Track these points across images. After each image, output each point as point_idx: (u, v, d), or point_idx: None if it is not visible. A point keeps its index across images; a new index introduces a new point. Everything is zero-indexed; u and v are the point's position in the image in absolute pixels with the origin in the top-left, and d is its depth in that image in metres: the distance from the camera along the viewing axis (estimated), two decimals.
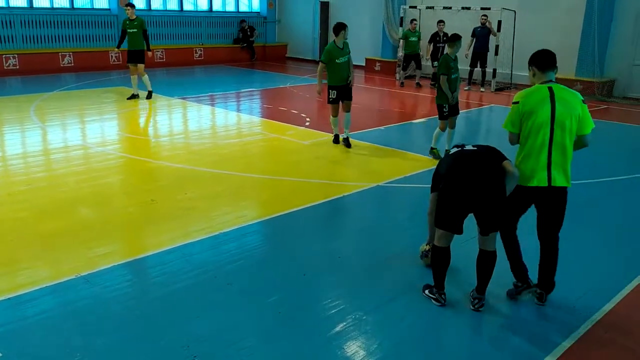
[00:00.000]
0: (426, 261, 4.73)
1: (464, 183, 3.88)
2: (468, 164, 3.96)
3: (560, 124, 3.85)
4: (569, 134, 3.88)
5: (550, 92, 3.92)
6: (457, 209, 3.93)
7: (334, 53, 8.56)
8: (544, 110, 3.86)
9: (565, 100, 3.91)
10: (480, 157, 4.00)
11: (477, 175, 3.86)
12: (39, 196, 6.32)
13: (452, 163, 4.05)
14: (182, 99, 12.98)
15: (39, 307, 4.00)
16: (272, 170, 7.67)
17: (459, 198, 3.90)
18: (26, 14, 16.40)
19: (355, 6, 20.11)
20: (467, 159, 4.00)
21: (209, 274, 4.57)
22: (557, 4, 15.13)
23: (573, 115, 3.88)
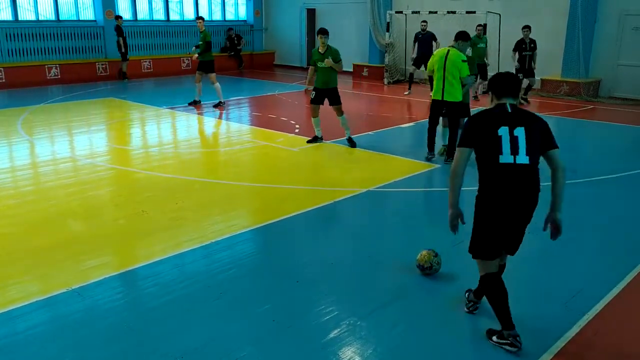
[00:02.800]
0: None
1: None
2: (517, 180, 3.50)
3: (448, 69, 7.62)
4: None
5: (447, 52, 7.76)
6: (495, 229, 3.63)
7: (314, 57, 9.07)
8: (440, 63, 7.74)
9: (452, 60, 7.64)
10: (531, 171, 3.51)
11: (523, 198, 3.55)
12: (28, 210, 6.27)
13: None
14: (170, 108, 12.95)
15: (30, 321, 3.97)
16: (263, 178, 7.66)
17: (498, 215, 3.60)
18: (11, 27, 16.31)
19: (341, 12, 20.19)
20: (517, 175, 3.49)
21: (201, 283, 4.55)
22: (541, 7, 15.28)
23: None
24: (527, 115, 3.59)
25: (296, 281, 4.62)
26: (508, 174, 3.47)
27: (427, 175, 7.83)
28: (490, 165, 3.52)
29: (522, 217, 3.59)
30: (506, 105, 3.56)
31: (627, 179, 7.58)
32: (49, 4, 17.31)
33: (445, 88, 7.92)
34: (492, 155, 3.49)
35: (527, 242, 3.91)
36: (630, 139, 10.65)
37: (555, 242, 4.82)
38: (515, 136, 3.46)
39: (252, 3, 22.58)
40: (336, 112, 9.18)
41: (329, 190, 6.96)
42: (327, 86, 9.02)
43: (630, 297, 4.41)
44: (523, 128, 3.47)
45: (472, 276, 4.49)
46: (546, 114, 12.64)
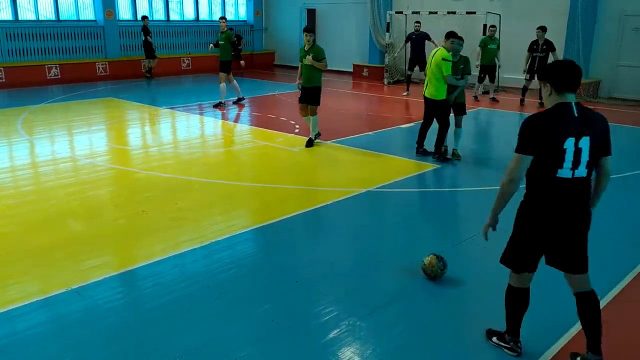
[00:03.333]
0: (429, 265, 4.50)
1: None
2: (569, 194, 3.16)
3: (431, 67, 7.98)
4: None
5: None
6: (532, 241, 3.33)
7: (300, 54, 9.15)
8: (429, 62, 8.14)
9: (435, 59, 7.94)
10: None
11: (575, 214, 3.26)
12: (27, 210, 6.28)
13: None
14: (170, 108, 12.95)
15: (30, 321, 3.97)
16: (263, 178, 7.66)
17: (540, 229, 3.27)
18: (11, 26, 16.31)
19: (341, 12, 20.19)
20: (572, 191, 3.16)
21: (201, 283, 4.55)
22: (541, 7, 15.28)
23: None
24: (593, 118, 3.15)
25: (296, 281, 4.62)
26: (563, 189, 3.12)
27: (427, 175, 7.83)
28: (545, 178, 3.12)
29: (573, 233, 3.26)
30: (571, 105, 3.08)
31: (628, 180, 7.58)
32: (49, 3, 17.31)
33: (427, 85, 8.28)
34: (550, 169, 3.09)
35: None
36: (631, 140, 10.65)
37: None
38: (579, 148, 3.06)
39: (252, 3, 22.58)
40: (310, 111, 9.24)
41: (329, 191, 6.96)
42: (309, 84, 9.09)
43: (631, 297, 4.42)
44: (588, 138, 3.07)
45: (471, 277, 4.50)
46: None
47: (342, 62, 20.24)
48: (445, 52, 7.91)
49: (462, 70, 8.19)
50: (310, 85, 9.09)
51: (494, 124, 12.36)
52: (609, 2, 14.43)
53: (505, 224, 3.46)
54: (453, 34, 8.05)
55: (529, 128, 3.11)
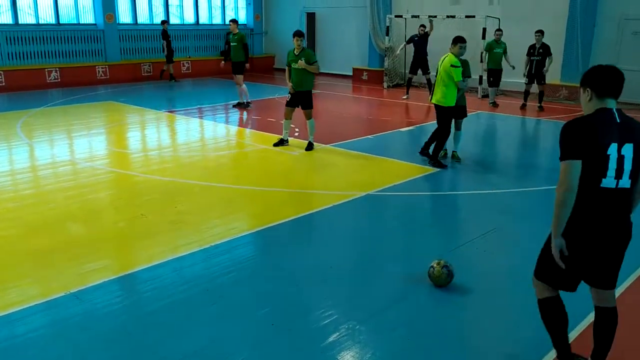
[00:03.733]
0: (434, 274, 4.44)
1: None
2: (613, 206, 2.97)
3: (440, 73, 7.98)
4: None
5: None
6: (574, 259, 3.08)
7: (289, 58, 9.15)
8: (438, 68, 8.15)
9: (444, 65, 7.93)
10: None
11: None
12: (27, 213, 6.27)
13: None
14: (170, 112, 12.96)
15: (29, 325, 3.96)
16: (262, 181, 7.66)
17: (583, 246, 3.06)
18: (11, 30, 16.33)
19: (341, 16, 20.23)
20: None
21: (200, 287, 4.55)
22: (540, 11, 15.31)
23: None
24: (635, 126, 3.03)
25: (295, 285, 4.62)
26: (606, 200, 2.93)
27: (426, 179, 7.83)
28: (589, 189, 2.91)
29: (614, 248, 3.07)
30: (613, 111, 2.99)
31: None
32: (49, 7, 17.34)
33: (434, 91, 8.24)
34: (594, 177, 2.89)
35: (528, 246, 3.91)
36: None
37: None
38: (622, 155, 2.89)
39: (252, 7, 22.63)
40: (305, 116, 9.27)
41: (329, 194, 6.96)
42: (301, 88, 9.09)
43: (629, 302, 4.41)
44: (632, 145, 2.92)
45: (471, 281, 4.49)
46: (545, 118, 12.68)
47: (341, 66, 20.29)
48: (453, 58, 7.87)
49: (462, 73, 8.21)
50: (302, 89, 9.11)
51: (495, 127, 12.37)
52: (608, 5, 14.46)
53: (502, 226, 3.45)
54: (460, 39, 7.96)
55: (571, 132, 2.92)
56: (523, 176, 8.09)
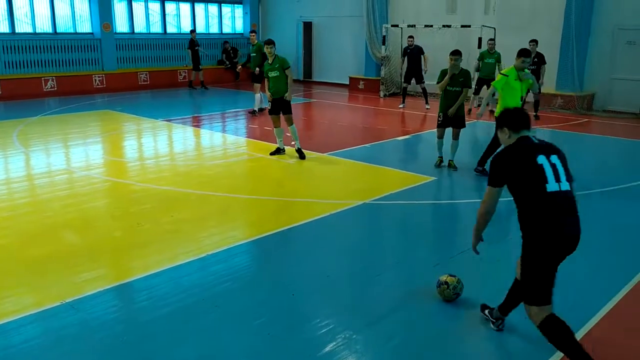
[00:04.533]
0: (443, 293, 4.40)
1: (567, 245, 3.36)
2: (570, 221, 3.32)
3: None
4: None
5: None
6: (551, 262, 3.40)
7: (265, 67, 9.31)
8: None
9: None
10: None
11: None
12: (23, 222, 6.26)
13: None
14: (167, 121, 12.97)
15: (24, 335, 3.94)
16: (259, 190, 7.66)
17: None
18: (8, 39, 16.35)
19: (337, 26, 20.32)
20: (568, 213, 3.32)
21: (196, 296, 4.53)
22: (535, 21, 15.41)
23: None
24: (551, 144, 3.50)
25: (292, 294, 4.61)
26: (558, 203, 3.27)
27: (423, 187, 7.84)
28: (538, 197, 3.27)
29: (572, 247, 3.39)
30: (530, 137, 3.46)
31: (622, 192, 7.61)
32: (46, 16, 17.37)
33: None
34: (537, 186, 3.27)
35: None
36: (625, 152, 10.71)
37: None
38: (553, 163, 3.34)
39: (249, 17, 22.70)
40: (286, 121, 9.32)
41: (325, 203, 6.96)
42: (279, 95, 9.18)
43: (628, 309, 4.42)
44: (556, 155, 3.39)
45: (467, 291, 4.49)
46: (540, 127, 12.73)
47: (338, 75, 20.36)
48: (509, 69, 7.73)
49: (462, 83, 8.27)
50: (280, 95, 9.19)
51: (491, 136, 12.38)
52: (602, 15, 14.57)
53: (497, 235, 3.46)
54: (524, 52, 7.64)
55: (498, 163, 3.46)
56: None
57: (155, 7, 20.16)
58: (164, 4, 20.33)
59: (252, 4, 22.56)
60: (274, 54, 9.13)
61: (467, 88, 8.36)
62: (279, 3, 22.20)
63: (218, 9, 22.20)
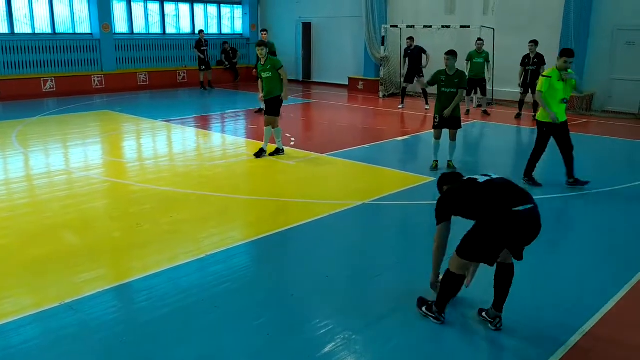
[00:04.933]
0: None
1: (522, 234, 3.71)
2: (528, 219, 3.69)
3: None
4: None
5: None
6: (499, 249, 3.80)
7: (258, 69, 9.40)
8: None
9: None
10: (535, 212, 3.74)
11: (535, 229, 3.74)
12: (22, 222, 6.25)
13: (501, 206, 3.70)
14: (166, 121, 12.97)
15: (23, 335, 3.94)
16: (258, 190, 7.66)
17: (507, 242, 3.76)
18: (7, 40, 16.35)
19: (337, 26, 20.34)
20: (527, 216, 3.69)
21: (196, 297, 4.53)
22: (534, 21, 15.43)
23: None
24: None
25: (291, 294, 4.61)
26: (493, 185, 3.85)
27: (422, 188, 7.83)
28: (475, 192, 3.88)
29: (528, 223, 3.70)
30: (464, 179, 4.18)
31: (620, 192, 7.61)
32: (45, 17, 17.37)
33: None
34: (471, 188, 3.93)
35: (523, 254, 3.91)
36: (624, 153, 10.72)
37: (550, 255, 4.84)
38: (483, 174, 4.03)
39: (248, 17, 22.73)
40: (271, 122, 9.38)
41: (325, 203, 6.96)
42: (270, 95, 9.25)
43: (627, 310, 4.42)
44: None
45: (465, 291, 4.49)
46: None
47: (337, 75, 20.38)
48: (551, 70, 7.61)
49: (457, 84, 8.27)
50: (271, 96, 9.26)
51: (490, 136, 12.41)
52: (601, 16, 14.59)
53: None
54: (566, 52, 7.54)
55: (442, 204, 4.12)
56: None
57: (154, 7, 20.17)
58: (163, 4, 20.34)
59: (252, 5, 22.59)
60: (266, 55, 9.20)
61: (462, 89, 8.36)
62: (279, 4, 22.22)
63: (217, 9, 22.22)
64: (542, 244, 3.80)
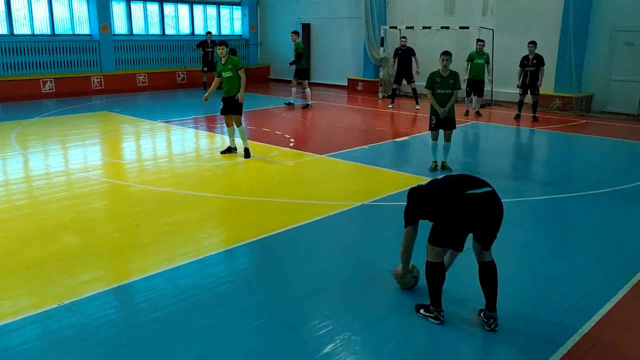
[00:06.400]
0: (402, 281, 4.66)
1: (476, 217, 3.91)
2: (485, 202, 3.91)
3: None
4: None
5: None
6: (462, 233, 3.99)
7: (217, 68, 9.51)
8: None
9: None
10: (494, 196, 3.97)
11: (495, 213, 3.94)
12: (21, 224, 6.25)
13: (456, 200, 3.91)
14: (165, 122, 12.96)
15: (22, 337, 3.93)
16: (257, 191, 7.66)
17: (468, 226, 3.96)
18: (7, 41, 16.35)
19: (336, 27, 20.35)
20: (479, 200, 3.90)
21: (195, 298, 4.53)
22: (533, 22, 15.44)
23: None
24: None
25: (290, 295, 4.61)
26: (447, 179, 4.13)
27: None
28: (431, 190, 4.17)
29: (485, 206, 3.90)
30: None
31: (620, 193, 7.61)
32: (44, 18, 17.38)
33: None
34: (429, 188, 4.19)
35: (521, 255, 3.92)
36: (623, 154, 10.73)
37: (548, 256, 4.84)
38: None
39: (247, 18, 22.74)
40: (235, 122, 9.50)
41: (324, 204, 6.96)
42: (229, 94, 9.36)
43: (627, 310, 4.42)
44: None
45: (464, 291, 4.50)
46: (539, 128, 12.75)
47: (337, 76, 20.38)
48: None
49: (452, 85, 8.27)
50: (231, 95, 9.35)
51: (489, 137, 12.41)
52: (600, 17, 14.60)
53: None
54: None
55: (408, 209, 4.34)
56: (516, 186, 8.11)
57: (153, 8, 20.18)
58: (162, 5, 20.35)
59: (251, 6, 22.60)
60: (227, 54, 9.29)
61: (457, 90, 8.36)
62: (278, 4, 22.23)
63: (217, 10, 22.23)
64: (541, 244, 3.80)
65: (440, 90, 8.32)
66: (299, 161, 9.23)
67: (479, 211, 3.86)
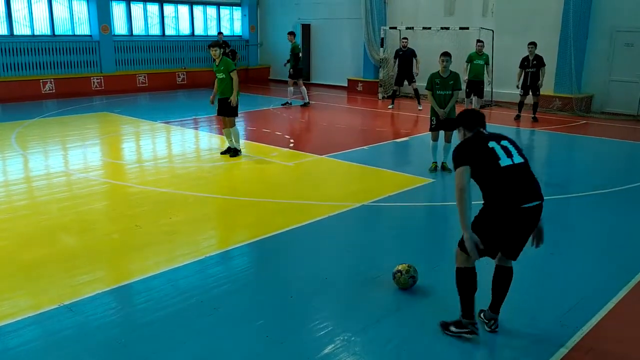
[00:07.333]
0: (399, 281, 4.62)
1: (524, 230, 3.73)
2: (532, 216, 3.68)
3: None
4: None
5: None
6: (503, 242, 3.80)
7: (214, 69, 9.48)
8: None
9: None
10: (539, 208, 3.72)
11: (534, 226, 3.76)
12: (20, 224, 6.24)
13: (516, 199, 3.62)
14: (165, 123, 12.96)
15: (22, 338, 3.93)
16: (257, 192, 7.65)
17: (512, 237, 3.76)
18: (7, 41, 16.34)
19: (336, 28, 20.34)
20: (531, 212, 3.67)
21: (195, 299, 4.52)
22: (533, 23, 15.43)
23: None
24: (500, 134, 3.94)
25: (290, 296, 4.60)
26: (513, 174, 3.65)
27: (421, 189, 7.84)
28: (493, 173, 3.67)
29: (532, 219, 3.70)
30: (481, 130, 3.94)
31: (620, 194, 7.61)
32: (44, 19, 17.37)
33: None
34: (491, 164, 3.68)
35: (521, 256, 3.91)
36: (622, 154, 10.72)
37: (548, 257, 4.83)
38: (504, 145, 3.78)
39: (247, 19, 22.73)
40: (227, 124, 9.48)
41: (324, 205, 6.96)
42: (224, 96, 9.35)
43: (627, 310, 4.42)
44: (507, 141, 3.83)
45: None
46: (539, 128, 12.75)
47: (337, 77, 20.38)
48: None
49: (452, 86, 8.27)
50: (225, 96, 9.34)
51: None
52: (600, 18, 14.60)
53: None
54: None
55: (459, 151, 3.85)
56: None
57: (153, 9, 20.17)
58: (162, 6, 20.35)
59: (251, 6, 22.60)
60: (220, 56, 9.25)
61: (457, 90, 8.35)
62: (278, 5, 22.22)
63: (216, 11, 22.23)
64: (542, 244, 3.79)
65: (440, 92, 8.32)
66: (299, 162, 9.23)
67: (525, 225, 3.70)
